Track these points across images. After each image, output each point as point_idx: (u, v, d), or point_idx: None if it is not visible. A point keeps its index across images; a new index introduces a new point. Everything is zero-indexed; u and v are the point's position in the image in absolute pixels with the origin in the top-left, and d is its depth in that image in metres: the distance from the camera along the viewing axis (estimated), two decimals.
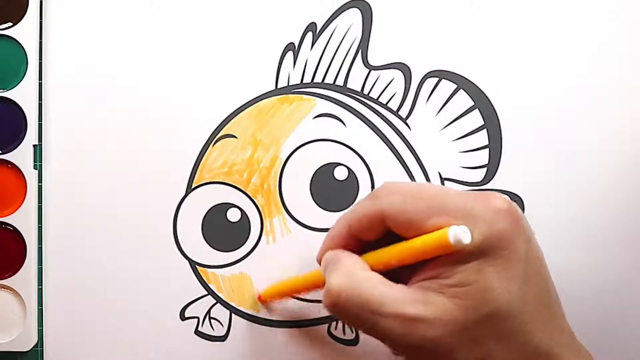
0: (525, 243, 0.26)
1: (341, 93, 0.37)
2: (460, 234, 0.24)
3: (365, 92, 0.37)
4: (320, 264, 0.30)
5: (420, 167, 0.36)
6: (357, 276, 0.26)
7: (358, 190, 0.37)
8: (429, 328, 0.25)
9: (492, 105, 0.36)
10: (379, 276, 0.26)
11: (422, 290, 0.25)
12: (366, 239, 0.29)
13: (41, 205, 0.37)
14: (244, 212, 0.37)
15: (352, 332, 0.37)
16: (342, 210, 0.37)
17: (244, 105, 0.37)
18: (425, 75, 0.36)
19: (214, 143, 0.37)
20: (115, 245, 0.37)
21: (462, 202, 0.26)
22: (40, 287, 0.37)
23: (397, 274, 0.27)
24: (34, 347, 0.37)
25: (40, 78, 0.37)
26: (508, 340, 0.25)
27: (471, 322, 0.24)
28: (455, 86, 0.36)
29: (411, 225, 0.26)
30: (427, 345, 0.25)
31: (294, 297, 0.36)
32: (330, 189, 0.37)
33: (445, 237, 0.24)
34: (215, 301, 0.37)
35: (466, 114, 0.36)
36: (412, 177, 0.36)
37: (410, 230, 0.26)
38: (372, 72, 0.37)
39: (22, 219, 0.37)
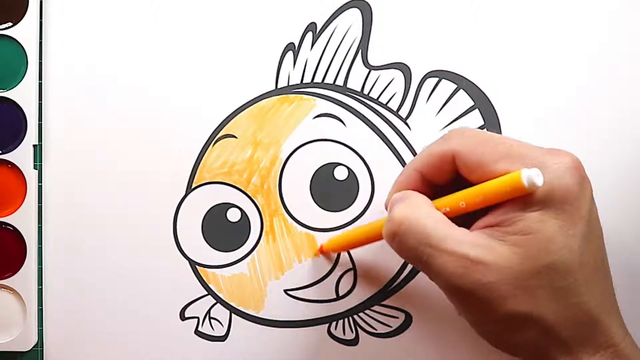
0: (589, 203, 0.26)
1: (341, 93, 0.37)
2: (533, 176, 0.24)
3: (365, 92, 0.37)
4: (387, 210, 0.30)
5: None
6: (421, 209, 0.27)
7: (358, 190, 0.37)
8: (485, 272, 0.25)
9: (492, 105, 0.36)
10: (443, 215, 0.27)
11: (483, 235, 0.25)
12: (433, 180, 0.29)
13: (41, 205, 0.37)
14: (244, 212, 0.37)
15: (352, 332, 0.37)
16: (342, 210, 0.37)
17: (244, 105, 0.37)
18: (425, 75, 0.36)
19: (214, 143, 0.37)
20: (115, 245, 0.37)
21: (533, 151, 0.26)
22: (40, 287, 0.37)
23: (460, 222, 0.27)
24: (34, 347, 0.37)
25: (40, 78, 0.37)
26: (561, 297, 0.25)
27: (527, 271, 0.24)
28: (455, 86, 0.36)
29: (481, 166, 0.26)
30: (479, 290, 0.25)
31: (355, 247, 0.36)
32: (330, 189, 0.37)
33: (519, 179, 0.24)
34: (215, 301, 0.37)
35: (466, 114, 0.36)
36: None
37: (479, 172, 0.26)
38: (372, 72, 0.37)
39: (22, 219, 0.37)
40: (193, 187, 0.37)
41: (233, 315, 0.37)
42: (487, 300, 0.25)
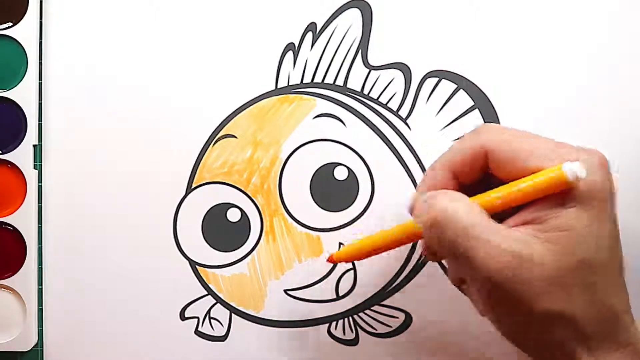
0: (613, 202, 0.26)
1: (341, 93, 0.37)
2: (576, 169, 0.24)
3: (365, 92, 0.37)
4: (411, 213, 0.29)
5: (420, 167, 0.36)
6: (461, 201, 0.26)
7: (358, 190, 0.37)
8: (524, 268, 0.24)
9: (492, 105, 0.36)
10: (483, 210, 0.26)
11: (520, 231, 0.25)
12: (462, 179, 0.28)
13: (41, 205, 0.37)
14: (244, 212, 0.37)
15: (352, 332, 0.37)
16: (342, 210, 0.37)
17: (244, 105, 0.37)
18: (425, 75, 0.36)
19: (214, 143, 0.37)
20: (115, 245, 0.37)
21: (565, 147, 0.26)
22: (40, 287, 0.37)
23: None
24: (34, 347, 0.37)
25: (40, 78, 0.37)
26: (590, 293, 0.25)
27: (563, 268, 0.24)
28: (455, 86, 0.36)
29: (513, 162, 0.26)
30: (516, 286, 0.25)
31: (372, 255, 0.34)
32: (330, 189, 0.37)
33: (561, 173, 0.24)
34: (215, 301, 0.37)
35: (466, 114, 0.36)
36: (412, 177, 0.36)
37: (510, 168, 0.26)
38: (372, 72, 0.37)
39: (22, 219, 0.37)
40: (193, 187, 0.37)
41: (233, 315, 0.37)
42: (522, 296, 0.25)
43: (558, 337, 0.25)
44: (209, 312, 0.37)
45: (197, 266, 0.37)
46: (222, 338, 0.37)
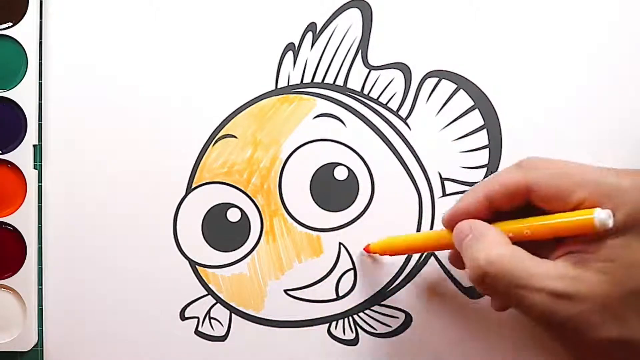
0: None
1: (341, 93, 0.37)
2: (605, 219, 0.25)
3: (365, 92, 0.37)
4: (445, 226, 0.31)
5: (420, 167, 0.36)
6: (504, 251, 0.27)
7: (358, 190, 0.37)
8: (575, 304, 0.25)
9: (492, 105, 0.36)
10: (524, 251, 0.27)
11: (567, 265, 0.26)
12: (501, 208, 0.29)
13: (41, 205, 0.37)
14: (244, 212, 0.37)
15: (352, 332, 0.37)
16: (342, 210, 0.37)
17: (244, 105, 0.37)
18: (425, 75, 0.36)
19: (214, 143, 0.37)
20: (115, 245, 0.37)
21: (608, 176, 0.26)
22: (40, 287, 0.37)
23: (531, 246, 0.27)
24: (34, 347, 0.37)
25: (40, 78, 0.37)
26: None
27: (616, 297, 0.25)
28: (455, 86, 0.36)
29: (558, 198, 0.27)
30: (570, 322, 0.25)
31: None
32: (330, 189, 0.37)
33: (591, 219, 0.25)
34: (215, 301, 0.37)
35: (466, 114, 0.36)
36: (412, 177, 0.36)
37: (555, 203, 0.27)
38: (372, 72, 0.37)
39: (22, 219, 0.37)
40: (193, 187, 0.37)
41: (233, 315, 0.37)
42: (578, 329, 0.25)
43: (622, 357, 0.26)
44: (209, 312, 0.37)
45: (197, 266, 0.37)
46: (222, 338, 0.37)
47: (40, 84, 0.37)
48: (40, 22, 0.37)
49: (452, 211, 0.30)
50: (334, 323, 0.37)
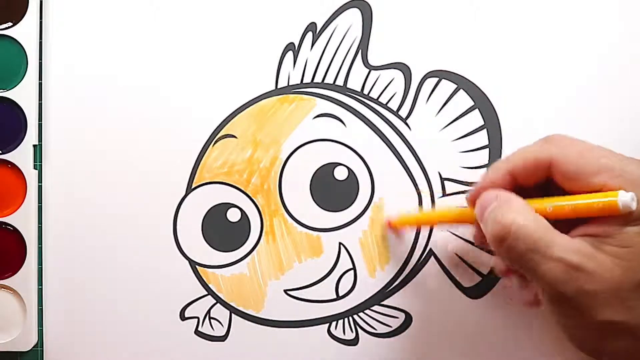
0: None
1: (341, 93, 0.37)
2: (628, 201, 0.25)
3: (365, 92, 0.37)
4: (470, 203, 0.31)
5: (420, 167, 0.36)
6: (529, 216, 0.27)
7: (358, 190, 0.37)
8: (588, 281, 0.25)
9: (492, 105, 0.36)
10: (545, 220, 0.27)
11: (585, 243, 0.26)
12: (523, 183, 0.29)
13: (41, 205, 0.37)
14: (244, 212, 0.37)
15: (352, 332, 0.37)
16: (342, 210, 0.37)
17: (244, 105, 0.37)
18: (425, 75, 0.36)
19: (214, 143, 0.37)
20: (115, 245, 0.37)
21: (631, 165, 0.26)
22: (40, 287, 0.37)
23: (550, 224, 0.27)
24: (34, 347, 0.37)
25: (40, 78, 0.37)
26: None
27: (628, 283, 0.25)
28: (455, 86, 0.36)
29: (579, 177, 0.27)
30: (579, 297, 0.25)
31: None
32: (330, 189, 0.37)
33: (614, 201, 0.25)
34: (215, 301, 0.37)
35: (466, 114, 0.36)
36: (412, 177, 0.36)
37: (576, 182, 0.27)
38: (372, 72, 0.37)
39: (22, 219, 0.37)
40: (193, 187, 0.37)
41: (233, 315, 0.37)
42: (585, 306, 0.25)
43: (622, 346, 0.26)
44: (209, 312, 0.37)
45: (197, 266, 0.37)
46: (222, 338, 0.37)
47: (40, 84, 0.37)
48: (40, 22, 0.37)
49: (475, 187, 0.30)
50: (334, 323, 0.37)
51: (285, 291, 0.37)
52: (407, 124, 0.37)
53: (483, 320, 0.36)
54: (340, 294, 0.37)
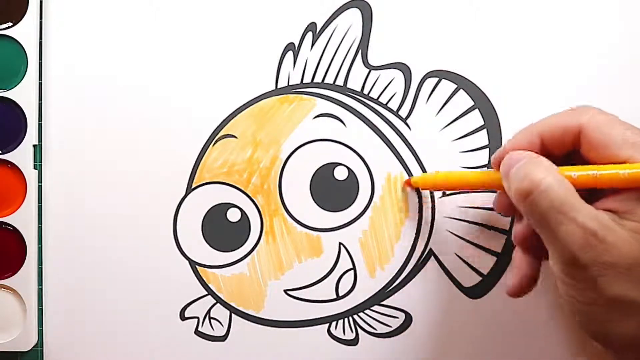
0: None
1: (341, 93, 0.37)
2: None
3: (365, 92, 0.37)
4: (494, 164, 0.30)
5: (420, 167, 0.36)
6: (558, 177, 0.26)
7: (358, 190, 0.37)
8: (605, 252, 0.25)
9: (492, 105, 0.36)
10: (572, 186, 0.26)
11: (606, 215, 0.26)
12: (551, 150, 0.29)
13: (41, 205, 0.37)
14: (244, 212, 0.37)
15: (352, 332, 0.37)
16: (342, 210, 0.37)
17: (244, 105, 0.37)
18: (425, 75, 0.36)
19: (214, 143, 0.37)
20: (115, 245, 0.37)
21: None
22: (40, 287, 0.37)
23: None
24: (34, 347, 0.37)
25: (40, 78, 0.37)
26: None
27: None
28: (455, 86, 0.36)
29: (605, 147, 0.27)
30: (594, 266, 0.25)
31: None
32: (330, 189, 0.37)
33: (639, 173, 0.25)
34: (215, 301, 0.37)
35: (466, 114, 0.36)
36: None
37: (601, 152, 0.27)
38: (372, 72, 0.37)
39: (22, 219, 0.37)
40: (193, 187, 0.37)
41: (233, 315, 0.37)
42: (598, 278, 0.25)
43: (631, 327, 0.25)
44: (209, 312, 0.37)
45: (197, 266, 0.37)
46: (222, 338, 0.37)
47: (40, 84, 0.37)
48: (40, 22, 0.37)
49: (502, 148, 0.30)
50: (334, 323, 0.37)
51: (285, 291, 0.37)
52: (407, 124, 0.37)
53: (483, 320, 0.36)
54: (340, 294, 0.37)
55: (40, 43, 0.37)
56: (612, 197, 0.27)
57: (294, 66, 0.37)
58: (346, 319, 0.37)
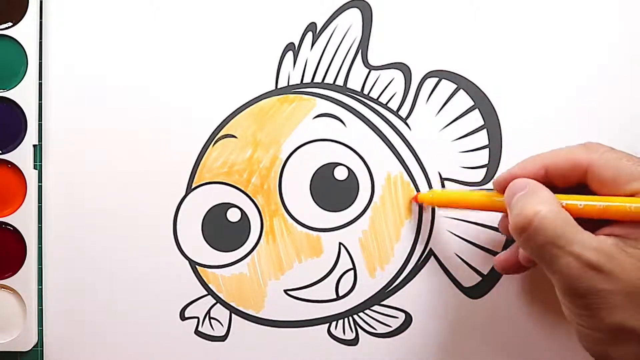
0: None
1: (341, 93, 0.37)
2: None
3: (365, 92, 0.37)
4: (496, 187, 0.31)
5: (420, 167, 0.36)
6: (554, 209, 0.27)
7: (358, 190, 0.37)
8: (603, 280, 0.25)
9: (492, 105, 0.36)
10: (570, 215, 0.27)
11: (608, 242, 0.26)
12: (555, 182, 0.29)
13: (41, 205, 0.37)
14: (244, 212, 0.37)
15: (352, 332, 0.37)
16: (342, 210, 0.37)
17: (244, 105, 0.37)
18: (425, 75, 0.36)
19: (214, 143, 0.37)
20: (115, 245, 0.37)
21: None
22: (40, 287, 0.37)
23: (577, 221, 0.27)
24: (34, 347, 0.37)
25: (40, 78, 0.37)
26: None
27: None
28: (455, 86, 0.36)
29: (614, 183, 0.27)
30: (592, 295, 0.25)
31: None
32: (330, 189, 0.37)
33: None
34: (215, 301, 0.37)
35: (466, 114, 0.36)
36: (412, 177, 0.36)
37: (610, 187, 0.27)
38: (372, 72, 0.37)
39: (22, 219, 0.37)
40: (193, 187, 0.37)
41: (233, 315, 0.37)
42: (596, 306, 0.25)
43: (631, 353, 0.26)
44: (209, 312, 0.37)
45: (197, 266, 0.37)
46: (222, 338, 0.37)
47: (40, 84, 0.37)
48: (40, 22, 0.37)
49: (507, 173, 0.31)
50: (334, 323, 0.37)
51: (285, 291, 0.37)
52: (407, 124, 0.37)
53: (483, 320, 0.36)
54: (340, 294, 0.37)
55: (40, 43, 0.37)
56: (618, 224, 0.27)
57: (294, 66, 0.37)
58: (346, 319, 0.37)
